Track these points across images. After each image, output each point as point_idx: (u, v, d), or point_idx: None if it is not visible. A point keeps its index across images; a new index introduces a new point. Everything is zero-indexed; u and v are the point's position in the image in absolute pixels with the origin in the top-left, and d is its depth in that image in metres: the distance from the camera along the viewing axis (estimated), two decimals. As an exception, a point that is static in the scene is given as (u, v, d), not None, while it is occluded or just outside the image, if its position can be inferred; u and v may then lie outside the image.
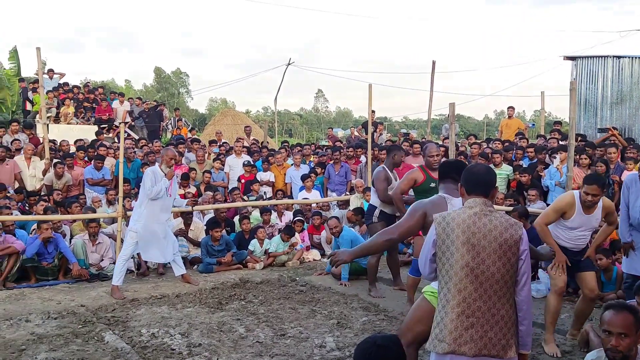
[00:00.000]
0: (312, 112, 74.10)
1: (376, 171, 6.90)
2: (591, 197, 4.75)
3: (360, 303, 6.34)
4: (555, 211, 4.96)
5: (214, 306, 6.20)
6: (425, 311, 3.47)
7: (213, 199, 9.28)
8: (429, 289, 3.53)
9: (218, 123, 20.19)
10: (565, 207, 4.90)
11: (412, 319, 3.57)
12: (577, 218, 4.87)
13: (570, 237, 4.96)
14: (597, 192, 4.74)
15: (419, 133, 34.99)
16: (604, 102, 13.71)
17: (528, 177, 9.05)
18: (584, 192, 4.79)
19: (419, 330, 3.48)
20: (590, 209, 4.86)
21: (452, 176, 3.80)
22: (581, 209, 4.85)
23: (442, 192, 3.80)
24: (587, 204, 4.80)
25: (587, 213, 4.86)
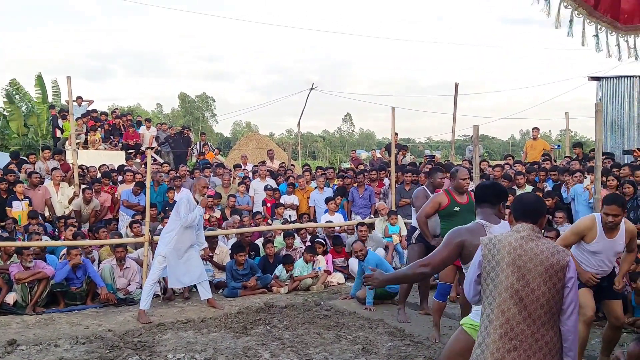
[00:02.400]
0: (334, 134, 74.44)
1: (416, 191, 6.93)
2: (612, 218, 4.65)
3: (386, 328, 6.29)
4: (574, 234, 4.87)
5: (239, 331, 6.22)
6: (464, 344, 3.37)
7: (240, 223, 9.36)
8: (469, 321, 3.43)
9: (243, 147, 20.41)
10: (585, 230, 4.80)
11: (450, 351, 3.47)
12: (599, 241, 4.76)
13: (594, 263, 4.86)
14: (618, 212, 4.64)
15: (443, 154, 34.76)
16: (631, 123, 13.52)
17: (552, 201, 8.94)
18: (604, 212, 4.70)
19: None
20: (612, 231, 4.75)
21: (490, 200, 3.64)
22: (603, 232, 4.75)
23: (480, 218, 3.62)
24: (608, 225, 4.69)
25: (609, 237, 4.75)
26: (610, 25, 1.69)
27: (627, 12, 1.67)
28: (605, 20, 1.68)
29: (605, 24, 1.69)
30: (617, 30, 1.70)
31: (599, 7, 1.66)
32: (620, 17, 1.67)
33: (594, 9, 1.66)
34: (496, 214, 3.61)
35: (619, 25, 1.70)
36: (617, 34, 1.71)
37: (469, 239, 3.43)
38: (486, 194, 3.68)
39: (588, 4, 1.65)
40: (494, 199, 3.63)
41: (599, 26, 1.69)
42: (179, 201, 7.00)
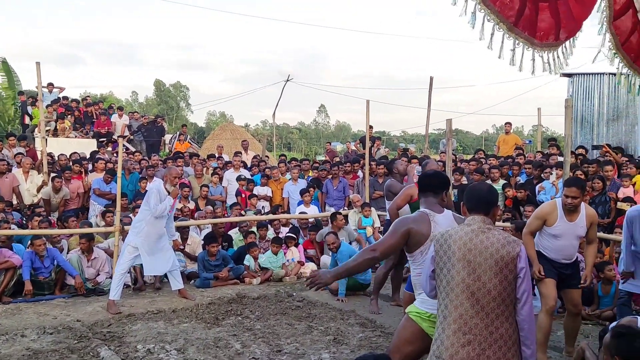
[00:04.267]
0: (310, 126, 74.37)
1: (389, 181, 6.98)
2: (571, 200, 4.80)
3: (357, 319, 6.33)
4: (537, 218, 5.01)
5: (211, 321, 6.19)
6: (411, 331, 3.44)
7: (213, 213, 9.30)
8: (414, 309, 3.49)
9: (217, 137, 20.22)
10: (546, 214, 4.94)
11: (399, 339, 3.51)
12: (560, 225, 4.90)
13: (556, 247, 4.97)
14: (577, 194, 4.79)
15: (417, 147, 35.06)
16: (600, 119, 13.81)
17: (524, 193, 9.09)
18: (564, 195, 4.86)
19: (407, 351, 3.44)
20: (572, 214, 4.88)
21: (433, 189, 3.65)
22: (564, 216, 4.89)
23: (423, 207, 3.62)
24: (567, 207, 4.84)
25: (570, 220, 4.89)
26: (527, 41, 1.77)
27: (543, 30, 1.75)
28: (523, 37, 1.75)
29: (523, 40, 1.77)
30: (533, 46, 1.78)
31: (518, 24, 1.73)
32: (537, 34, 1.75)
33: (513, 26, 1.72)
34: (439, 202, 3.63)
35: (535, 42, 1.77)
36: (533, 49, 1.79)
37: (414, 227, 3.45)
38: (429, 183, 3.71)
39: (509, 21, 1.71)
40: (437, 188, 3.65)
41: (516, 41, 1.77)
42: (149, 191, 6.92)
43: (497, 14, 1.73)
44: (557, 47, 1.88)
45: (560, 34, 1.85)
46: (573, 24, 1.83)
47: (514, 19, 1.75)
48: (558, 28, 1.81)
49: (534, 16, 1.78)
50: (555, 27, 1.81)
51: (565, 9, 1.81)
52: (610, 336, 2.97)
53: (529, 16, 1.77)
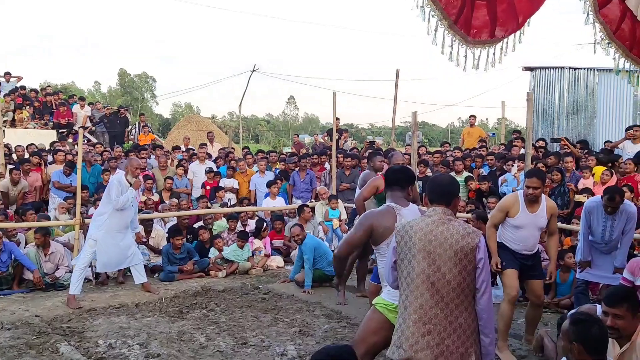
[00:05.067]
0: (279, 118, 74.07)
1: (363, 174, 7.01)
2: (532, 191, 4.90)
3: (323, 310, 6.34)
4: (499, 210, 5.12)
5: (175, 315, 6.12)
6: (377, 322, 3.49)
7: (178, 206, 9.18)
8: (381, 300, 3.54)
9: (182, 129, 19.92)
10: (509, 205, 5.04)
11: (365, 330, 3.56)
12: (522, 216, 4.99)
13: (518, 238, 5.06)
14: (538, 184, 4.90)
15: (385, 140, 35.29)
16: (561, 112, 14.14)
17: (487, 185, 9.25)
18: (525, 185, 4.97)
19: (372, 341, 3.49)
20: (533, 205, 4.99)
21: (399, 183, 3.72)
22: (525, 207, 4.99)
23: (390, 201, 3.68)
24: (529, 197, 4.94)
25: (531, 211, 4.99)
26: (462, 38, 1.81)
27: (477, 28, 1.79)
28: (460, 34, 1.79)
29: (459, 37, 1.81)
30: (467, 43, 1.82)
31: (458, 22, 1.77)
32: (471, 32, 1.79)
33: (454, 24, 1.76)
34: (405, 197, 3.71)
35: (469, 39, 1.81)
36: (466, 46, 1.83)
37: (377, 221, 3.54)
38: (396, 178, 3.77)
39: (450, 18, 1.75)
40: (403, 183, 3.72)
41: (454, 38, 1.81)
42: (110, 183, 6.77)
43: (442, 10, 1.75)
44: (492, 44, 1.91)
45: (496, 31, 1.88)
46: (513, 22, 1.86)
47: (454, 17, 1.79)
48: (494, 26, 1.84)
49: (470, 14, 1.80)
50: (490, 24, 1.84)
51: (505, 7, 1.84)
52: (568, 323, 3.03)
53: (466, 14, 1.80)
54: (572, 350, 2.97)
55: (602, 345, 3.02)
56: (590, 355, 2.95)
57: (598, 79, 13.28)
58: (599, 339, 2.99)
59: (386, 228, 3.50)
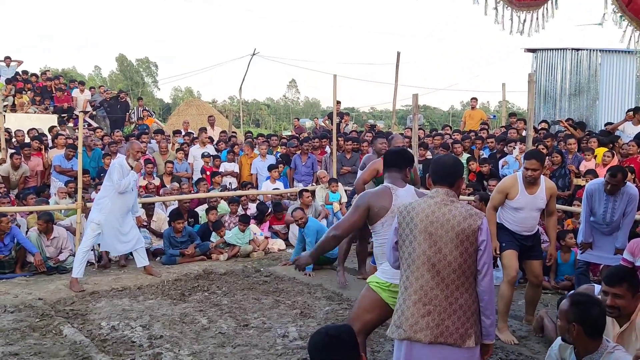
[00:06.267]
0: (280, 102, 73.83)
1: (366, 157, 7.04)
2: (531, 172, 4.90)
3: (324, 293, 6.37)
4: (499, 192, 5.12)
5: (177, 298, 6.16)
6: (371, 300, 3.53)
7: (179, 189, 9.19)
8: (374, 279, 3.58)
9: (182, 113, 19.87)
10: (508, 187, 5.05)
11: (359, 308, 3.61)
12: (521, 197, 5.00)
13: (518, 219, 5.07)
14: (537, 166, 4.90)
15: (386, 124, 35.21)
16: (563, 94, 14.05)
17: (488, 167, 9.24)
18: (524, 167, 4.97)
19: (366, 319, 3.55)
20: (532, 186, 4.99)
21: (398, 164, 3.75)
22: (524, 189, 5.00)
23: (387, 182, 3.72)
24: (528, 179, 4.95)
25: (530, 192, 4.99)
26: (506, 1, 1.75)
27: None
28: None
29: None
30: (511, 5, 1.77)
31: None
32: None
33: None
34: (403, 178, 3.74)
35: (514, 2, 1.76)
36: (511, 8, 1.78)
37: (373, 201, 3.58)
38: (394, 159, 3.81)
39: None
40: (401, 164, 3.75)
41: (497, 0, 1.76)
42: (112, 166, 6.78)
43: None
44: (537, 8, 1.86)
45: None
46: None
47: None
48: None
49: None
50: None
51: None
52: (568, 304, 3.04)
53: (507, -24, 1.75)
54: (570, 331, 2.98)
55: (601, 327, 3.03)
56: (588, 336, 2.97)
57: (601, 60, 13.19)
58: (598, 320, 3.01)
59: (381, 207, 3.54)
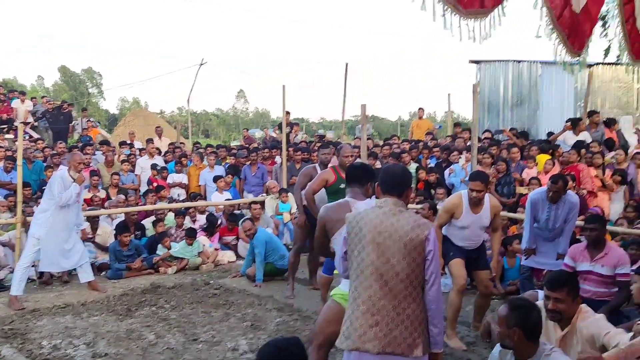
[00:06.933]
0: (229, 112, 73.22)
1: (304, 168, 7.05)
2: (476, 193, 5.03)
3: (275, 304, 6.32)
4: (445, 211, 5.24)
5: (123, 313, 5.98)
6: (335, 313, 3.52)
7: (125, 202, 8.95)
8: (338, 291, 3.58)
9: (129, 124, 19.39)
10: (454, 207, 5.16)
11: (322, 320, 3.61)
12: (465, 217, 5.12)
13: (464, 237, 5.21)
14: (481, 187, 5.03)
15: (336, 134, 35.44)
16: (505, 104, 14.54)
17: (435, 176, 9.43)
18: (469, 188, 5.09)
19: (329, 331, 3.52)
20: (477, 206, 5.12)
21: (359, 180, 3.85)
22: (469, 208, 5.12)
23: (349, 196, 3.83)
24: (473, 200, 5.07)
25: (474, 212, 5.12)
26: (454, 7, 1.78)
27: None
28: (451, 2, 1.77)
29: (451, 6, 1.78)
30: (459, 12, 1.80)
31: None
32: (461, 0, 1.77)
33: None
34: (364, 193, 3.83)
35: (460, 9, 1.79)
36: (459, 16, 1.81)
37: (329, 216, 3.72)
38: (355, 174, 3.90)
39: None
40: (362, 180, 3.84)
41: (445, 6, 1.78)
42: (52, 179, 6.54)
43: None
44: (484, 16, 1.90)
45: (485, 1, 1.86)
46: None
47: None
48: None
49: None
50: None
51: None
52: (507, 309, 3.10)
53: (454, -18, 1.78)
54: (511, 336, 3.04)
55: (539, 330, 3.13)
56: (528, 340, 3.04)
57: (541, 71, 13.70)
58: (537, 324, 3.10)
59: (338, 220, 3.58)
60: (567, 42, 2.07)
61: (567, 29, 2.04)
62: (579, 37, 2.11)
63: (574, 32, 2.08)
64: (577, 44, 2.12)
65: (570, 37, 2.06)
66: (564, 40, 2.07)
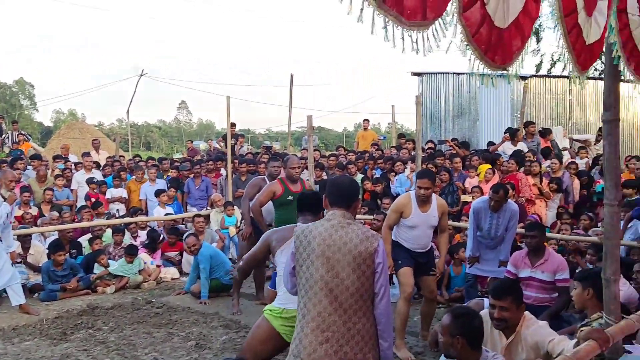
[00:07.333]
0: (172, 124, 71.94)
1: (252, 180, 6.96)
2: (423, 191, 5.08)
3: (221, 321, 6.13)
4: (393, 211, 5.27)
5: (57, 337, 5.64)
6: (263, 330, 3.52)
7: (59, 219, 8.53)
8: (269, 307, 3.57)
9: (64, 137, 18.56)
10: (402, 206, 5.20)
11: (251, 337, 3.59)
12: (414, 216, 5.16)
13: (412, 237, 5.23)
14: (428, 185, 5.10)
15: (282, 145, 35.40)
16: (447, 115, 14.90)
17: (382, 186, 9.50)
18: (417, 186, 5.15)
19: (257, 349, 3.53)
20: (425, 205, 5.17)
21: (311, 209, 3.86)
22: (417, 207, 5.16)
23: (300, 222, 3.79)
24: (421, 197, 5.12)
25: (423, 211, 5.17)
26: (396, 19, 1.76)
27: (410, 8, 1.76)
28: (392, 14, 1.75)
29: (392, 18, 1.76)
30: (402, 24, 1.78)
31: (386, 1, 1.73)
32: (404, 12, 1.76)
33: (382, 2, 1.71)
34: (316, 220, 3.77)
35: (403, 20, 1.78)
36: (402, 28, 1.79)
37: (274, 239, 3.82)
38: (307, 203, 3.93)
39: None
40: (314, 208, 3.85)
41: (386, 19, 1.76)
42: None
43: None
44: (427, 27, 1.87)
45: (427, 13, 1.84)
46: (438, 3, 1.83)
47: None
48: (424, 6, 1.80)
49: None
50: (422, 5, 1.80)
51: None
52: (450, 318, 3.10)
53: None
54: (455, 344, 3.03)
55: (482, 337, 3.15)
56: (471, 348, 3.04)
57: (479, 83, 14.09)
58: (480, 331, 3.12)
59: (282, 237, 3.65)
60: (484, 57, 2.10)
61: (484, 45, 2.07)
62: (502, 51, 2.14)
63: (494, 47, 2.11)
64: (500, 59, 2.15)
65: (489, 53, 2.09)
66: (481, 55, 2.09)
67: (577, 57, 2.40)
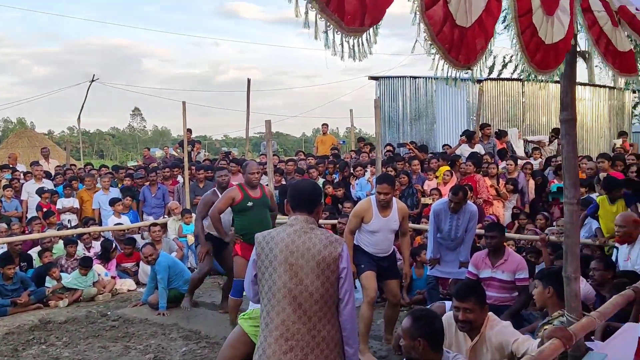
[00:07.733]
0: (126, 131, 70.41)
1: (204, 195, 6.79)
2: (383, 196, 5.07)
3: (180, 332, 5.97)
4: (354, 216, 5.25)
5: (8, 354, 5.40)
6: (234, 334, 3.50)
7: (8, 231, 8.16)
8: (245, 313, 3.47)
9: (11, 146, 17.89)
10: (363, 211, 5.19)
11: (225, 344, 3.54)
12: (375, 221, 5.15)
13: (374, 242, 5.21)
14: (388, 190, 5.09)
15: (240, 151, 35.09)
16: (405, 119, 15.03)
17: (342, 191, 9.48)
18: (377, 192, 5.14)
19: (227, 355, 3.44)
20: (385, 210, 5.17)
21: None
22: (378, 212, 5.15)
23: None
24: (381, 203, 5.11)
25: (384, 215, 5.16)
26: (337, 24, 1.73)
27: (350, 14, 1.73)
28: (334, 19, 1.71)
29: (334, 23, 1.72)
30: (342, 30, 1.75)
31: (329, 5, 1.69)
32: (345, 18, 1.72)
33: (325, 6, 1.67)
34: None
35: (343, 26, 1.74)
36: (341, 33, 1.76)
37: None
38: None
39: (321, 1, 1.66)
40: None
41: (328, 23, 1.72)
42: None
43: None
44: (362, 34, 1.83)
45: (365, 19, 1.80)
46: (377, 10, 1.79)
47: None
48: (363, 13, 1.76)
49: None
50: (361, 11, 1.76)
51: None
52: (410, 321, 3.05)
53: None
54: (416, 347, 2.99)
55: (443, 339, 3.12)
56: (432, 350, 3.01)
57: (436, 87, 14.29)
58: (440, 332, 3.09)
59: None
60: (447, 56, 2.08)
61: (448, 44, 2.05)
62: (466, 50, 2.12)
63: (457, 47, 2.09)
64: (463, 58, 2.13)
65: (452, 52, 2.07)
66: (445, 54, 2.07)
67: (531, 56, 2.40)
